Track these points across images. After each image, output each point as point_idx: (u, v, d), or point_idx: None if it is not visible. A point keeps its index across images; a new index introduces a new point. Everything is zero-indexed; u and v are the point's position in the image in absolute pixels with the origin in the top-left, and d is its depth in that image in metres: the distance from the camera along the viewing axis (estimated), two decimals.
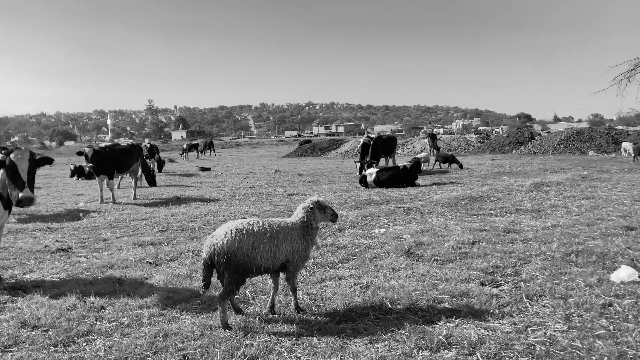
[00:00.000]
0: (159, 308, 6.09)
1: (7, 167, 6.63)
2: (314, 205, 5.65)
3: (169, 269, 7.90)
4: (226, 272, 5.31)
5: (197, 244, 9.87)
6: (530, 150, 36.86)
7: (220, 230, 5.42)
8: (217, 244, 5.31)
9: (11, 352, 5.03)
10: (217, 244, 5.30)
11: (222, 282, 5.37)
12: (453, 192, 16.57)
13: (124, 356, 4.81)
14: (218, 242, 5.31)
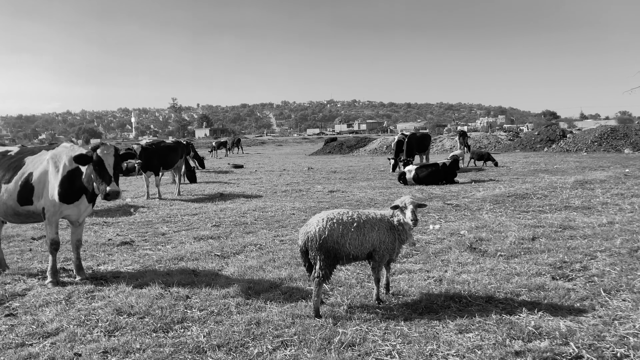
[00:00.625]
0: (243, 298, 6.32)
1: (95, 162, 6.91)
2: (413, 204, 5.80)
3: (239, 262, 8.15)
4: (319, 258, 5.58)
5: (254, 238, 10.12)
6: (563, 148, 36.47)
7: (313, 220, 5.74)
8: (310, 232, 5.63)
9: (115, 337, 5.30)
10: (310, 232, 5.62)
11: (315, 268, 5.63)
12: (495, 189, 16.58)
13: (225, 342, 5.04)
14: (311, 230, 5.63)
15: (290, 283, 6.87)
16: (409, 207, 5.77)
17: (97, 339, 5.28)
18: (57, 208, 7.15)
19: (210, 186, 20.86)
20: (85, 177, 7.12)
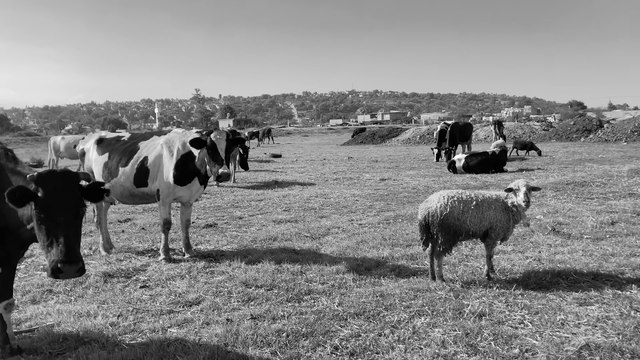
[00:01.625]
0: (356, 274, 6.72)
1: (209, 147, 7.35)
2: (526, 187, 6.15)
3: (332, 242, 8.57)
4: (439, 233, 6.02)
5: (331, 222, 10.52)
6: (601, 138, 36.23)
7: (434, 197, 6.16)
8: (431, 208, 6.05)
9: (252, 305, 5.74)
10: (431, 208, 6.04)
11: (436, 242, 6.07)
12: (549, 177, 16.76)
13: (360, 311, 5.44)
14: (432, 206, 6.05)
15: (393, 262, 7.26)
16: (522, 190, 6.12)
17: (237, 307, 5.74)
18: (171, 190, 7.63)
19: (261, 174, 21.33)
20: (199, 161, 7.58)
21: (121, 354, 4.51)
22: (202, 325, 5.22)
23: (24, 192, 3.66)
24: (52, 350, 4.73)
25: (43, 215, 3.65)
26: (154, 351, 4.57)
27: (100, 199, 4.04)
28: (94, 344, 4.81)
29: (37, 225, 3.71)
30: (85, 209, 3.90)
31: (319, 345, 4.68)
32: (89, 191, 3.93)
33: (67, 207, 3.69)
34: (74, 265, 3.57)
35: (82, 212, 3.85)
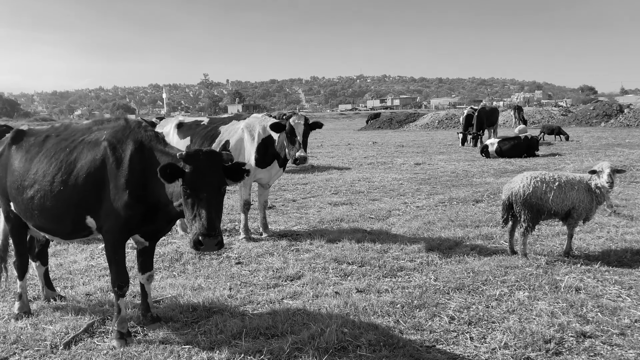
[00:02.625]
0: (440, 252, 7.04)
1: (287, 131, 7.65)
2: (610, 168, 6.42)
3: (399, 223, 8.88)
4: (523, 212, 6.34)
5: (384, 204, 10.83)
6: (622, 123, 36.29)
7: (517, 178, 6.50)
8: (514, 188, 6.38)
9: (351, 280, 6.07)
10: (515, 189, 6.37)
11: (519, 221, 6.46)
12: (583, 162, 16.97)
13: (459, 285, 5.77)
14: (515, 187, 6.39)
15: (470, 241, 7.58)
16: (605, 171, 6.39)
17: (338, 281, 6.08)
18: (252, 172, 7.95)
19: None
20: (278, 144, 7.89)
21: (255, 322, 4.85)
22: (313, 298, 5.56)
23: (174, 169, 3.97)
24: (186, 319, 5.08)
25: (189, 191, 3.96)
26: (283, 319, 4.90)
27: (241, 178, 4.33)
28: (223, 313, 5.16)
29: (183, 201, 4.03)
30: (226, 187, 4.20)
31: (435, 315, 5.00)
32: (231, 171, 4.22)
33: (210, 184, 3.99)
34: (213, 239, 3.87)
35: (224, 190, 4.16)
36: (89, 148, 4.64)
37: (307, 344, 4.39)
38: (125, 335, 4.63)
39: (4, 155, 5.08)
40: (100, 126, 4.86)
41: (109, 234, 4.59)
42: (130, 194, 4.39)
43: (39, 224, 4.83)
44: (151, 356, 4.34)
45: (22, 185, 4.77)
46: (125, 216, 4.45)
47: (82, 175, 4.55)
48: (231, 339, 4.61)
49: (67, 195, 4.58)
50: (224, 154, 4.30)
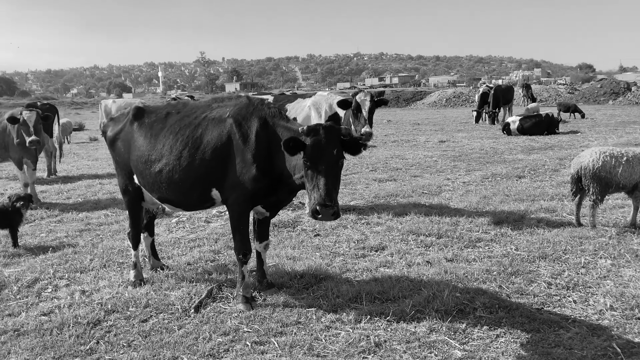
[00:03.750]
0: (509, 224, 7.36)
1: (354, 107, 7.89)
2: None
3: (455, 198, 9.20)
4: (592, 186, 6.67)
5: (427, 181, 11.14)
6: (631, 100, 36.63)
7: (586, 153, 6.83)
8: (583, 162, 6.68)
9: (435, 250, 6.39)
10: (584, 163, 6.67)
11: (586, 194, 6.88)
12: (607, 139, 17.32)
13: (542, 254, 6.09)
14: (584, 161, 6.69)
15: (534, 214, 7.90)
16: None
17: (423, 252, 6.40)
18: None
19: None
20: (344, 121, 8.14)
21: (367, 288, 5.17)
22: (406, 266, 5.88)
23: (296, 143, 4.22)
24: (297, 285, 5.40)
25: (309, 163, 4.20)
26: (391, 285, 5.22)
27: (358, 152, 4.55)
28: (330, 280, 5.48)
29: (304, 172, 4.29)
30: (344, 160, 4.45)
31: (532, 281, 5.33)
32: (349, 145, 4.45)
33: (329, 157, 4.23)
34: (329, 209, 4.10)
35: (341, 163, 4.40)
36: (214, 124, 4.89)
37: (426, 307, 4.72)
38: (250, 300, 4.95)
39: (124, 131, 5.33)
40: (221, 104, 5.10)
41: (235, 205, 4.87)
42: (258, 168, 4.65)
43: (165, 196, 5.10)
44: (282, 317, 4.66)
45: (149, 160, 5.03)
46: (252, 189, 4.72)
47: (209, 150, 4.81)
48: (350, 302, 4.93)
49: (194, 169, 4.85)
50: (344, 128, 4.53)
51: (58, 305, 5.03)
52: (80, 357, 4.09)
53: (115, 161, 5.50)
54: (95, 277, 5.81)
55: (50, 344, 4.27)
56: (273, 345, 4.21)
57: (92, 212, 9.04)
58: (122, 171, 5.42)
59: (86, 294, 5.29)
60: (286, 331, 4.45)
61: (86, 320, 4.69)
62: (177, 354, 4.09)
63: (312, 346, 4.18)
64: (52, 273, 5.89)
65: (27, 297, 5.28)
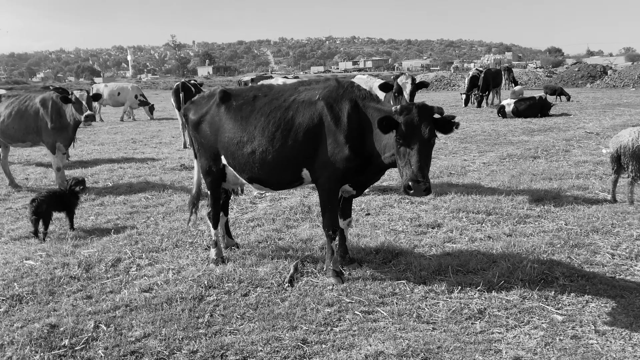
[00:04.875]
0: (549, 202, 7.73)
1: (395, 90, 8.14)
2: None
3: (483, 178, 9.56)
4: (631, 163, 7.09)
5: (447, 162, 11.46)
6: (608, 84, 37.62)
7: (625, 132, 7.26)
8: (622, 141, 7.08)
9: (490, 227, 6.72)
10: (623, 142, 7.07)
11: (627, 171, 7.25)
12: (602, 120, 17.94)
13: (593, 228, 6.47)
14: (624, 140, 7.10)
15: (568, 192, 8.30)
16: None
17: (479, 228, 6.73)
18: None
19: None
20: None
21: (446, 261, 5.47)
22: (470, 242, 6.20)
23: (390, 121, 4.44)
24: (375, 260, 5.67)
25: (402, 141, 4.43)
26: (467, 259, 5.54)
27: (450, 131, 4.78)
28: (405, 255, 5.76)
29: (396, 150, 4.52)
30: (435, 138, 4.68)
31: (595, 252, 5.71)
32: (441, 124, 4.69)
33: (421, 135, 4.45)
34: (421, 185, 4.35)
35: (433, 142, 4.63)
36: (304, 106, 5.07)
37: (510, 277, 5.04)
38: (340, 274, 5.20)
39: (210, 114, 5.47)
40: (308, 87, 5.29)
41: (326, 185, 5.09)
42: (350, 148, 4.87)
43: (256, 176, 5.27)
44: (377, 289, 4.92)
45: (241, 142, 5.20)
46: (343, 168, 4.94)
47: (301, 131, 5.01)
48: (434, 275, 5.23)
49: (287, 150, 5.04)
50: (435, 108, 4.75)
51: (155, 282, 5.19)
52: (202, 329, 4.28)
53: (200, 143, 5.63)
54: (172, 256, 5.97)
55: (168, 317, 4.46)
56: (381, 314, 4.48)
57: (129, 195, 9.11)
58: (207, 153, 5.57)
59: (174, 272, 5.46)
60: (386, 301, 4.72)
61: (190, 295, 4.87)
62: (295, 324, 4.33)
63: (419, 314, 4.46)
64: (130, 253, 6.02)
65: (118, 276, 5.43)
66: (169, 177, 10.60)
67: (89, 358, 3.90)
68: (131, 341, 4.10)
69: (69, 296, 4.97)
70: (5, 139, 9.55)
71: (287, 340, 4.06)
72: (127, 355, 3.92)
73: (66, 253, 6.09)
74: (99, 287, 5.15)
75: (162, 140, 16.90)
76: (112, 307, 4.68)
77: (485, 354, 3.83)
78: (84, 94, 9.00)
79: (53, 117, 9.16)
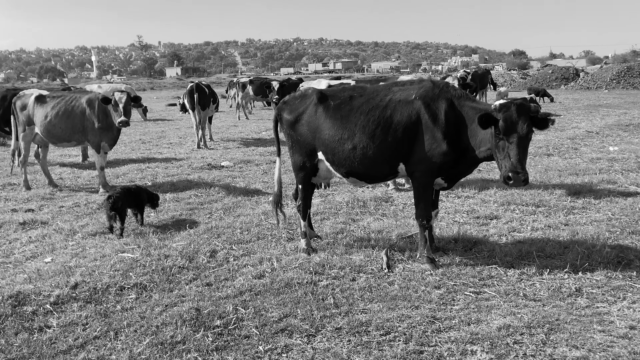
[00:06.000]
0: (588, 195, 8.32)
1: None
2: None
3: None
4: None
5: None
6: (582, 85, 39.05)
7: None
8: None
9: (541, 217, 7.26)
10: None
11: None
12: (593, 121, 18.84)
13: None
14: None
15: (600, 186, 8.90)
16: None
17: (535, 219, 7.23)
18: None
19: None
20: None
21: (524, 248, 5.96)
22: (532, 231, 6.71)
23: (489, 118, 4.91)
24: (455, 248, 6.12)
25: (500, 136, 4.92)
26: (542, 245, 6.04)
27: (546, 127, 5.16)
28: (481, 243, 6.22)
29: (495, 144, 4.98)
30: (532, 134, 5.10)
31: None
32: (537, 120, 5.10)
33: (519, 130, 4.89)
34: (520, 175, 4.84)
35: (530, 136, 5.07)
36: (402, 105, 5.49)
37: (588, 260, 5.55)
38: (433, 260, 5.63)
39: (307, 113, 5.83)
40: (402, 87, 5.70)
41: (422, 178, 5.52)
42: (448, 144, 5.31)
43: (355, 170, 5.66)
44: (473, 273, 5.37)
45: (342, 138, 5.58)
46: (439, 162, 5.38)
47: (400, 128, 5.42)
48: (518, 260, 5.70)
49: (386, 146, 5.45)
50: (533, 105, 5.22)
51: (263, 270, 5.52)
52: (333, 309, 4.64)
53: (296, 141, 5.96)
54: (260, 247, 6.30)
55: (296, 299, 4.81)
56: (489, 294, 4.93)
57: (176, 193, 9.34)
58: (302, 149, 5.92)
59: (274, 261, 5.79)
60: (487, 283, 5.17)
61: (304, 280, 5.23)
62: (416, 304, 4.73)
63: (524, 293, 4.92)
64: (220, 245, 6.33)
65: (222, 265, 5.74)
66: (205, 175, 10.86)
67: (246, 335, 4.23)
68: (274, 321, 4.44)
69: (187, 284, 5.27)
70: (51, 138, 9.66)
71: (418, 317, 4.46)
72: (279, 333, 4.26)
73: (156, 246, 6.35)
74: (211, 275, 5.45)
75: (170, 140, 17.05)
76: (237, 293, 5.00)
77: (601, 325, 4.30)
78: (124, 96, 9.17)
79: (100, 116, 9.33)
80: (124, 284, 5.22)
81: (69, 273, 5.48)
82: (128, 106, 9.06)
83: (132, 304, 4.84)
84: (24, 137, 9.89)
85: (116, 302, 4.89)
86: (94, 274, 5.48)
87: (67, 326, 4.44)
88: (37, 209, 8.62)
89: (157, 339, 4.15)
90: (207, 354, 3.97)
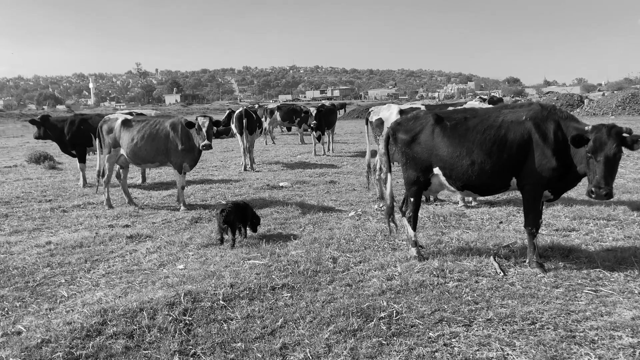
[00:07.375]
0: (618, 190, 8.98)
1: None
2: None
3: None
4: None
5: None
6: (588, 112, 40.10)
7: None
8: None
9: (613, 229, 7.88)
10: None
11: None
12: None
13: None
14: None
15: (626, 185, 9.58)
16: None
17: (610, 231, 7.86)
18: None
19: (338, 146, 23.11)
20: None
21: (616, 254, 6.56)
22: (613, 240, 7.32)
23: (581, 138, 5.57)
24: (554, 255, 6.71)
25: (590, 154, 5.58)
26: (635, 251, 6.65)
27: (638, 147, 5.79)
28: (573, 251, 6.83)
29: (586, 161, 5.65)
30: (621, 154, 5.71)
31: None
32: (628, 141, 5.72)
33: (608, 150, 5.57)
34: (602, 190, 5.47)
35: (619, 156, 5.73)
36: (514, 125, 6.15)
37: None
38: (542, 265, 6.23)
39: (424, 133, 6.49)
40: (512, 110, 6.38)
41: (532, 190, 6.16)
42: (556, 160, 5.96)
43: (471, 183, 6.29)
44: (582, 275, 5.96)
45: (461, 155, 6.22)
46: (548, 176, 6.03)
47: (514, 146, 6.08)
48: (617, 264, 6.30)
49: (502, 161, 6.10)
50: (624, 128, 5.88)
51: (391, 273, 6.11)
52: (472, 305, 5.21)
53: (411, 158, 6.59)
54: (371, 255, 6.89)
55: (437, 297, 5.39)
56: (606, 292, 5.51)
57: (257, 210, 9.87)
58: (417, 166, 6.56)
59: (394, 265, 6.38)
60: (599, 283, 5.76)
61: (433, 282, 5.81)
62: (545, 300, 5.31)
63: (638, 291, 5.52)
64: (336, 253, 6.92)
65: (349, 269, 6.32)
66: (274, 194, 11.46)
67: (412, 325, 4.79)
68: (428, 314, 5.01)
69: (328, 284, 5.84)
70: (136, 159, 10.26)
71: (554, 310, 5.04)
72: (438, 323, 4.83)
73: (279, 253, 6.93)
74: (346, 278, 6.03)
75: (214, 164, 17.66)
76: (380, 292, 5.58)
77: None
78: (206, 120, 9.82)
79: (183, 139, 9.96)
80: (273, 285, 5.78)
81: (218, 276, 6.04)
82: (210, 130, 9.69)
83: (290, 301, 5.40)
84: (109, 159, 10.49)
85: (275, 300, 5.44)
86: (240, 275, 6.04)
87: (247, 318, 4.99)
88: (131, 224, 9.17)
89: (336, 327, 4.71)
90: (386, 339, 4.54)
